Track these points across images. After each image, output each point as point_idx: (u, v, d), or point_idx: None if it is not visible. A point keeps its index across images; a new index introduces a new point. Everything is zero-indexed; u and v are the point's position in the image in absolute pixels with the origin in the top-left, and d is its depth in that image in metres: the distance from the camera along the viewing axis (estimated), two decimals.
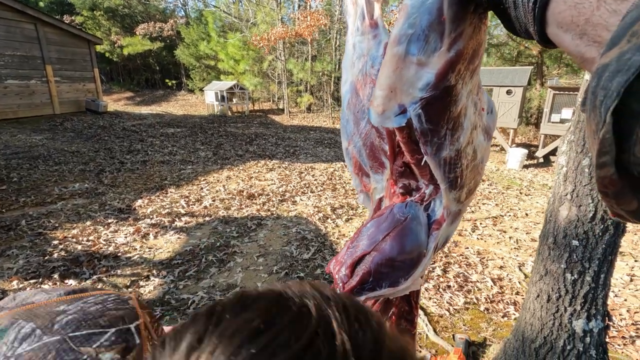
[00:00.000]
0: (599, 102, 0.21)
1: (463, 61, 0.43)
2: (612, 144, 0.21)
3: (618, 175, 0.22)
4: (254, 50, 15.31)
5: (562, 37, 0.28)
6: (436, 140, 0.48)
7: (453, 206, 0.60)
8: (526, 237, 4.02)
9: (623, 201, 0.23)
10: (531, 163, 8.00)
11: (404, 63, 0.42)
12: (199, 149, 8.17)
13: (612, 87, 0.20)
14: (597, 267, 1.56)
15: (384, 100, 0.45)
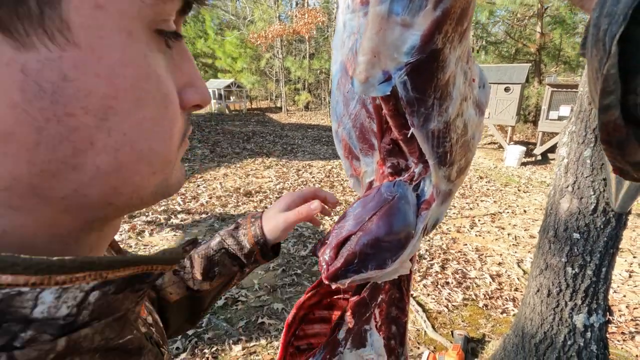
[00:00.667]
0: (603, 31, 0.18)
1: (450, 21, 0.40)
2: (617, 81, 0.18)
3: (623, 121, 0.19)
4: (251, 48, 15.27)
5: None
6: (423, 111, 0.45)
7: (443, 185, 0.57)
8: (524, 233, 4.00)
9: (628, 151, 0.21)
10: (529, 160, 7.99)
11: (388, 24, 0.38)
12: (195, 147, 8.12)
13: (618, 10, 0.18)
14: (599, 261, 1.53)
15: (367, 66, 0.41)
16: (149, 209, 4.33)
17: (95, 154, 0.20)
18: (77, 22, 0.18)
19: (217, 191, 5.13)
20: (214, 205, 4.58)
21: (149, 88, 0.22)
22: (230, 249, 0.61)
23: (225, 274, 0.61)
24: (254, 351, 2.21)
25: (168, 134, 0.25)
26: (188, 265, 0.60)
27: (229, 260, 0.61)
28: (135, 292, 0.24)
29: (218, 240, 0.61)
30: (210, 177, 5.83)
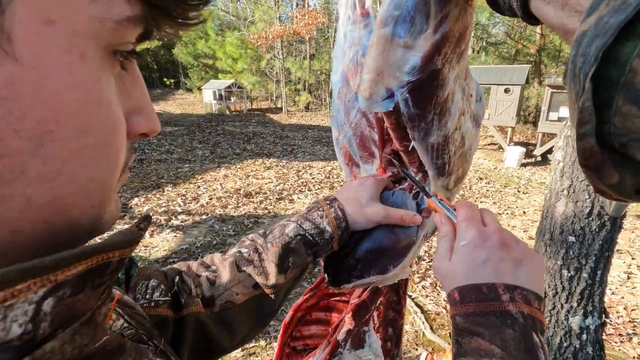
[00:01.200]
0: (578, 69, 0.20)
1: (449, 44, 0.43)
2: (592, 112, 0.20)
3: (599, 147, 0.21)
4: (252, 48, 15.29)
5: (544, 9, 0.28)
6: (423, 126, 0.48)
7: (441, 194, 0.60)
8: (524, 234, 4.02)
9: (604, 174, 0.23)
10: (529, 161, 8.00)
11: (391, 45, 0.41)
12: (196, 148, 8.14)
13: (591, 52, 0.19)
14: (594, 264, 1.54)
15: (371, 83, 0.44)
16: (149, 210, 4.36)
17: (26, 184, 0.18)
18: (20, 36, 0.16)
19: (218, 192, 5.15)
20: (214, 207, 4.60)
21: (96, 113, 0.20)
22: (307, 233, 0.53)
23: (299, 265, 0.53)
24: (254, 352, 2.23)
25: (113, 163, 0.22)
26: (257, 258, 0.52)
27: (304, 248, 0.53)
28: (98, 287, 0.21)
29: (293, 226, 0.54)
30: (211, 178, 5.85)
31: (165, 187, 5.30)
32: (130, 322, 0.33)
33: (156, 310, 0.43)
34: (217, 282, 0.50)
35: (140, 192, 5.04)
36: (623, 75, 0.19)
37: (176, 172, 6.10)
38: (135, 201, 4.68)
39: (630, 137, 0.20)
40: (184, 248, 3.48)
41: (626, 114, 0.19)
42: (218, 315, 0.49)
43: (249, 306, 0.51)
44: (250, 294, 0.51)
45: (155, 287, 0.45)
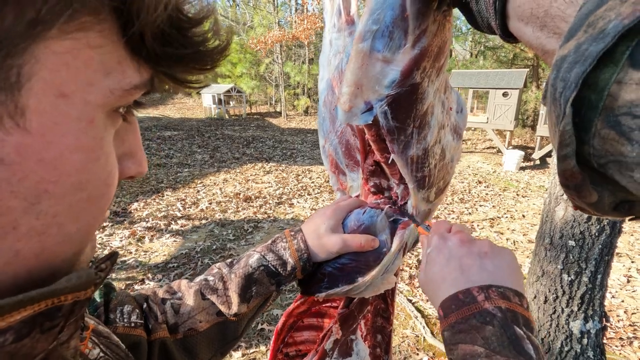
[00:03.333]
0: (559, 93, 0.21)
1: (428, 59, 0.43)
2: (572, 135, 0.21)
3: (579, 168, 0.22)
4: (251, 53, 15.34)
5: (523, 30, 0.28)
6: (403, 139, 0.48)
7: (422, 205, 0.61)
8: (523, 238, 4.02)
9: (583, 194, 0.23)
10: (528, 165, 8.03)
11: (370, 59, 0.41)
12: (195, 152, 8.15)
13: (571, 78, 0.20)
14: (594, 268, 1.55)
15: (351, 97, 0.44)
16: (149, 215, 4.35)
17: (16, 239, 0.18)
18: (33, 108, 0.17)
19: (217, 197, 5.15)
20: (213, 211, 4.59)
21: (95, 170, 0.21)
22: (270, 265, 0.55)
23: (262, 294, 0.55)
24: (254, 357, 2.22)
25: (101, 211, 0.23)
26: (221, 287, 0.53)
27: (267, 278, 0.54)
28: (49, 330, 0.20)
29: (257, 257, 0.55)
30: (210, 183, 5.85)
31: (165, 191, 5.30)
32: (105, 351, 0.34)
33: (135, 331, 0.46)
34: (181, 310, 0.51)
35: (139, 196, 5.04)
36: (602, 100, 0.19)
37: (176, 177, 6.10)
38: (135, 206, 4.68)
39: (608, 158, 0.20)
40: (183, 253, 3.47)
41: (605, 137, 0.20)
42: (181, 342, 0.50)
43: (212, 333, 0.52)
44: (213, 321, 0.52)
45: (131, 311, 0.47)
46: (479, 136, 11.12)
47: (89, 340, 0.33)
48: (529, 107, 10.90)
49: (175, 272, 3.12)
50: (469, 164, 8.02)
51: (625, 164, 0.20)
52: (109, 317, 0.46)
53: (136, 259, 3.37)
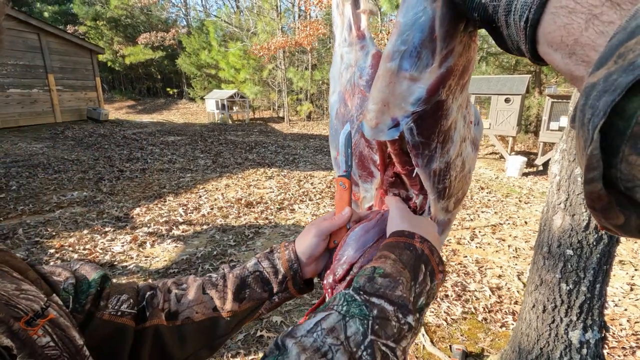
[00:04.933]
0: (587, 120, 0.22)
1: (453, 77, 0.44)
2: (599, 160, 0.21)
3: (605, 191, 0.22)
4: (254, 59, 15.45)
5: (552, 55, 0.29)
6: (427, 153, 0.50)
7: (441, 215, 0.62)
8: (525, 245, 4.00)
9: (610, 216, 0.24)
10: (530, 171, 7.99)
11: (397, 78, 0.43)
12: (198, 157, 8.19)
13: (600, 106, 0.21)
14: (592, 277, 1.54)
15: (378, 114, 0.46)
16: (150, 221, 4.37)
17: None
18: None
19: (219, 202, 5.17)
20: (215, 216, 4.61)
21: None
22: (264, 271, 0.60)
23: (255, 298, 0.59)
24: None
25: None
26: (221, 284, 0.59)
27: (260, 284, 0.59)
28: None
29: (254, 262, 0.61)
30: (212, 188, 5.88)
31: (167, 196, 5.32)
32: (57, 342, 0.37)
33: (120, 319, 0.51)
34: (182, 300, 0.57)
35: (141, 201, 5.06)
36: (630, 127, 0.20)
37: (178, 182, 6.13)
38: (137, 211, 4.70)
39: (635, 183, 0.21)
40: (184, 258, 3.48)
41: (632, 162, 0.21)
42: (178, 328, 0.56)
43: (204, 325, 0.57)
44: (208, 315, 0.58)
45: (125, 300, 0.53)
46: (481, 142, 11.09)
47: (41, 328, 0.36)
48: (531, 113, 10.88)
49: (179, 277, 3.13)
50: None
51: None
52: (100, 304, 0.51)
53: (137, 264, 3.38)
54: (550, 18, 0.28)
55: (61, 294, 0.47)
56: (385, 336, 0.40)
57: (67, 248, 3.62)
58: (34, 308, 0.38)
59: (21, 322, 0.35)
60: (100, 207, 4.78)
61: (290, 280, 0.60)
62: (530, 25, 0.30)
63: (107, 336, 0.50)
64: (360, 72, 0.63)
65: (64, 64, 11.44)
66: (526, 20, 0.30)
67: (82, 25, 20.18)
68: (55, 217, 4.37)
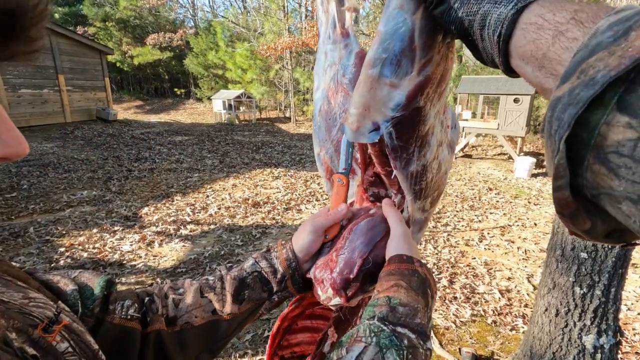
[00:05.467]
0: (554, 131, 0.23)
1: (431, 85, 0.47)
2: (566, 169, 0.23)
3: (573, 198, 0.24)
4: (261, 59, 15.50)
5: (524, 68, 0.31)
6: (405, 156, 0.52)
7: (418, 214, 0.65)
8: (535, 247, 3.95)
9: (578, 221, 0.26)
10: (540, 172, 7.89)
11: (378, 84, 0.45)
12: (205, 157, 8.24)
13: (565, 118, 0.22)
14: (607, 281, 1.51)
15: (359, 117, 0.48)
16: (158, 220, 4.40)
17: None
18: None
19: (226, 202, 5.19)
20: (222, 216, 4.62)
21: None
22: (263, 271, 0.60)
23: (254, 299, 0.59)
24: None
25: None
26: (219, 286, 0.59)
27: (259, 284, 0.59)
28: None
29: (252, 263, 0.61)
30: (219, 188, 5.90)
31: (175, 196, 5.36)
32: (74, 347, 0.37)
33: (130, 323, 0.52)
34: (180, 305, 0.57)
35: (150, 201, 5.10)
36: (593, 138, 0.22)
37: (186, 182, 6.17)
38: (145, 210, 4.74)
39: (600, 190, 0.22)
40: (192, 258, 3.50)
41: (596, 171, 0.22)
42: (177, 334, 0.55)
43: (205, 329, 0.57)
44: (208, 318, 0.57)
45: (130, 305, 0.53)
46: (489, 142, 10.99)
47: (58, 334, 0.36)
48: (541, 113, 10.75)
49: (184, 277, 3.14)
50: (479, 170, 7.93)
51: (614, 197, 0.22)
52: (109, 308, 0.51)
53: (145, 263, 3.41)
54: (520, 33, 0.30)
55: (68, 299, 0.47)
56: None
57: (77, 247, 3.66)
58: (47, 315, 0.37)
59: (38, 330, 0.34)
60: (109, 207, 4.82)
61: (290, 279, 0.60)
62: (502, 39, 0.32)
63: (118, 339, 0.50)
64: (344, 70, 0.65)
65: (74, 65, 11.59)
66: (499, 35, 0.32)
67: (92, 26, 20.43)
68: (65, 216, 4.42)
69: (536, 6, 0.30)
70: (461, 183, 6.69)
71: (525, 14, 0.30)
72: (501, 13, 0.32)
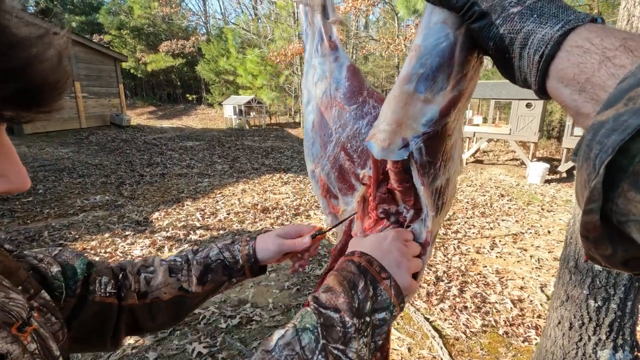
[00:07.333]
0: (594, 155, 0.23)
1: (463, 99, 0.46)
2: (600, 193, 0.23)
3: (601, 222, 0.24)
4: (271, 65, 15.64)
5: (561, 90, 0.31)
6: (432, 172, 0.51)
7: (436, 229, 0.64)
8: (548, 255, 3.85)
9: (601, 246, 0.25)
10: (553, 178, 7.73)
11: (412, 100, 0.44)
12: (216, 162, 8.32)
13: (608, 143, 0.22)
14: (624, 294, 1.46)
15: (391, 134, 0.47)
16: (169, 225, 4.45)
17: None
18: None
19: (235, 207, 5.22)
20: (231, 222, 4.65)
21: None
22: (226, 260, 0.70)
23: (216, 281, 0.70)
24: None
25: None
26: (185, 268, 0.69)
27: (221, 270, 0.70)
28: None
29: (216, 252, 0.71)
30: (229, 193, 5.94)
31: (185, 201, 5.42)
32: (40, 350, 0.41)
33: (108, 299, 0.60)
34: (151, 282, 0.66)
35: (160, 206, 5.17)
36: (632, 165, 0.22)
37: (196, 187, 6.23)
38: (156, 215, 4.80)
39: (629, 217, 0.22)
40: None
41: (630, 198, 0.22)
42: (147, 306, 0.65)
43: (172, 303, 0.66)
44: (175, 294, 0.67)
45: (107, 282, 0.61)
46: (501, 147, 10.83)
47: (29, 335, 0.40)
48: (554, 118, 10.57)
49: None
50: (491, 176, 7.81)
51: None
52: (89, 288, 0.58)
53: None
54: (565, 55, 0.30)
55: (53, 283, 0.53)
56: (332, 340, 0.45)
57: (89, 251, 3.72)
58: (23, 316, 0.40)
59: (13, 328, 0.37)
60: (121, 211, 4.90)
61: (248, 269, 0.71)
62: (544, 60, 0.31)
63: (98, 313, 0.59)
64: (337, 84, 0.64)
65: (90, 72, 11.89)
66: (541, 55, 0.32)
67: (107, 34, 20.96)
68: (78, 220, 4.51)
69: (584, 30, 0.30)
70: (472, 189, 6.60)
71: (571, 36, 0.30)
72: (546, 33, 0.31)
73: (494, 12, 0.35)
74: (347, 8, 11.29)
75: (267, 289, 3.12)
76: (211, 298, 0.90)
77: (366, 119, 0.64)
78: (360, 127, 0.64)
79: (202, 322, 2.64)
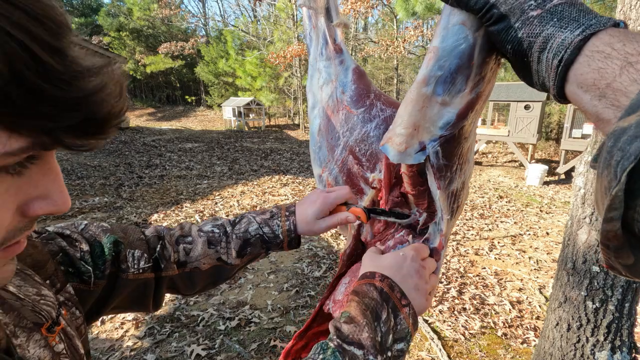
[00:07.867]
0: (615, 161, 0.23)
1: (480, 101, 0.45)
2: (622, 201, 0.22)
3: (622, 231, 0.23)
4: (270, 67, 15.67)
5: (580, 96, 0.30)
6: (448, 175, 0.51)
7: (449, 232, 0.63)
8: (547, 257, 3.86)
9: (622, 255, 0.25)
10: (552, 179, 7.75)
11: (430, 102, 0.43)
12: (215, 164, 8.32)
13: (631, 150, 0.22)
14: (621, 295, 1.47)
15: (407, 138, 0.46)
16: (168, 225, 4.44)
17: None
18: None
19: (235, 209, 5.22)
20: None
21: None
22: (265, 236, 0.69)
23: (255, 254, 0.70)
24: None
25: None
26: (224, 240, 0.68)
27: (260, 244, 0.69)
28: None
29: (255, 227, 0.70)
30: (228, 195, 5.94)
31: (184, 203, 5.41)
32: (67, 350, 0.41)
33: (142, 275, 0.58)
34: (191, 253, 0.65)
35: (159, 208, 5.16)
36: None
37: (195, 189, 6.23)
38: (155, 217, 4.80)
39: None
40: None
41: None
42: (187, 274, 0.65)
43: (211, 272, 0.67)
44: (214, 264, 0.67)
45: (140, 257, 0.59)
46: (500, 149, 10.86)
47: (57, 335, 0.39)
48: (552, 120, 10.60)
49: None
50: (490, 177, 7.82)
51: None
52: (121, 267, 0.56)
53: None
54: (585, 60, 0.29)
55: (81, 267, 0.51)
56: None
57: None
58: (52, 315, 0.40)
59: (43, 329, 0.37)
60: (120, 213, 4.89)
61: (286, 243, 0.70)
62: (563, 64, 0.31)
63: (134, 291, 0.58)
64: (343, 88, 0.63)
65: None
66: (560, 60, 0.31)
67: (107, 36, 20.97)
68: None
69: (605, 35, 0.29)
70: (471, 191, 6.61)
71: (592, 41, 0.29)
72: (566, 38, 0.31)
73: (513, 15, 0.35)
74: (346, 10, 11.33)
75: (265, 290, 3.12)
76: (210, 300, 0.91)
77: (374, 122, 0.63)
78: (369, 130, 0.62)
79: (201, 324, 2.64)
